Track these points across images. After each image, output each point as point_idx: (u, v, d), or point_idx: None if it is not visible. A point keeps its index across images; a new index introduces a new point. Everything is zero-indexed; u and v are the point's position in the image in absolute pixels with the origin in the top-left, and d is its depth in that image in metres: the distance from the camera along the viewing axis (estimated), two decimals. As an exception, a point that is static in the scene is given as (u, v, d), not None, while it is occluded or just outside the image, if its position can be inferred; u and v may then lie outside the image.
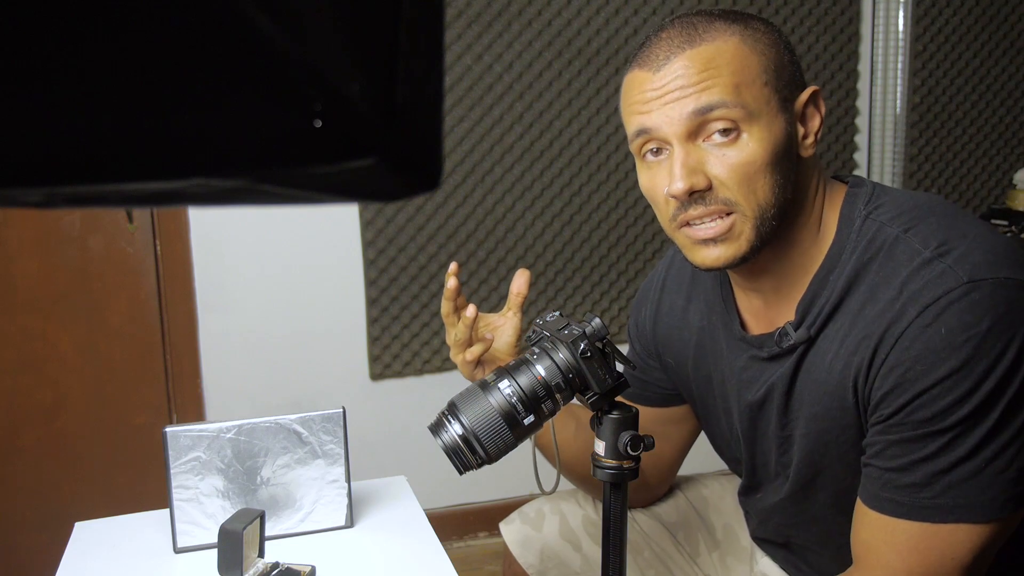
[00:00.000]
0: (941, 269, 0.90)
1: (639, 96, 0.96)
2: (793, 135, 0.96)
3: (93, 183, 0.23)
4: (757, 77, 0.93)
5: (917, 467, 0.92)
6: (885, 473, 0.94)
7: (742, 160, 0.92)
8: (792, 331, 1.01)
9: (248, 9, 0.22)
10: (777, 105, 0.94)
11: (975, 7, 2.74)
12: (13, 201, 0.24)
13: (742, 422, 1.11)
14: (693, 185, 0.93)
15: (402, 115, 0.24)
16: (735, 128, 0.92)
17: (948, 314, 0.88)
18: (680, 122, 0.93)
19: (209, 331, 2.35)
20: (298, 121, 0.23)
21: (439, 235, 2.42)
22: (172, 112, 0.22)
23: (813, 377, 1.00)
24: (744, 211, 0.94)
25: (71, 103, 0.22)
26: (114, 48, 0.22)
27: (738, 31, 0.94)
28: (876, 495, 0.95)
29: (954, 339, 0.88)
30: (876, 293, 0.95)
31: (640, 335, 1.27)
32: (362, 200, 0.26)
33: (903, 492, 0.93)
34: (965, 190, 2.84)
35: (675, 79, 0.93)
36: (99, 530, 1.33)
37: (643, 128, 0.96)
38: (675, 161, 0.94)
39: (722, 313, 1.12)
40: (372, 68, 0.23)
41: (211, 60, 0.22)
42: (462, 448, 0.94)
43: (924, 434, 0.90)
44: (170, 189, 0.24)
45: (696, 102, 0.92)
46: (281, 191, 0.24)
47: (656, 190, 0.98)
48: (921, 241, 0.94)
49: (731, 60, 0.93)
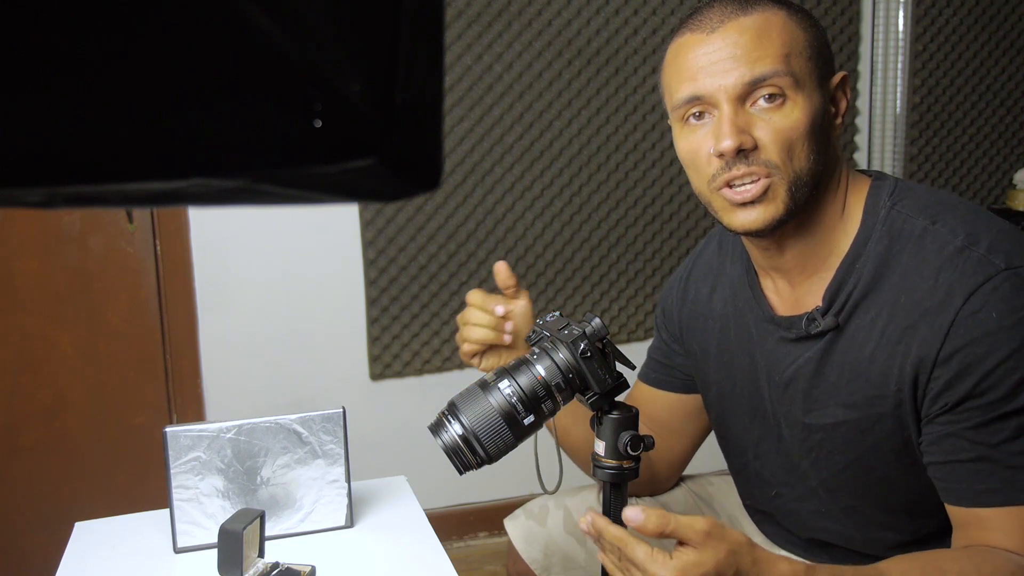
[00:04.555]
0: (976, 257, 0.94)
1: (691, 60, 0.99)
2: (827, 111, 1.00)
3: (93, 183, 0.23)
4: (804, 50, 0.98)
5: (1000, 449, 0.92)
6: (970, 465, 0.94)
7: (786, 125, 0.96)
8: (820, 317, 1.03)
9: (249, 9, 0.22)
10: (817, 80, 0.98)
11: (975, 7, 2.74)
12: (13, 201, 0.24)
13: (772, 402, 1.12)
14: (742, 143, 0.96)
15: (402, 115, 0.24)
16: (781, 95, 0.96)
17: (994, 299, 0.91)
18: (733, 88, 0.96)
19: (209, 331, 2.35)
20: (298, 121, 0.23)
21: (439, 235, 2.42)
22: (172, 112, 0.22)
23: (847, 365, 1.02)
24: (782, 174, 0.97)
25: (71, 103, 0.22)
26: (114, 48, 0.22)
27: (783, 8, 0.99)
28: (969, 491, 0.95)
29: (1006, 321, 0.91)
30: (909, 282, 0.97)
31: (667, 321, 1.30)
32: (362, 200, 0.26)
33: (996, 479, 0.93)
34: (965, 190, 2.84)
35: (728, 45, 0.97)
36: (99, 530, 1.33)
37: (695, 95, 0.99)
38: (724, 121, 0.96)
39: (749, 298, 1.14)
40: (372, 68, 0.23)
41: (211, 60, 0.22)
42: (462, 448, 0.94)
43: (997, 416, 0.92)
44: (170, 189, 0.24)
45: (752, 72, 0.95)
46: (281, 191, 0.24)
47: (699, 152, 1.00)
48: (950, 231, 0.97)
49: (782, 30, 0.97)
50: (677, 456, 1.33)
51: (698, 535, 0.85)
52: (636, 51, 2.48)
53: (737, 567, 0.86)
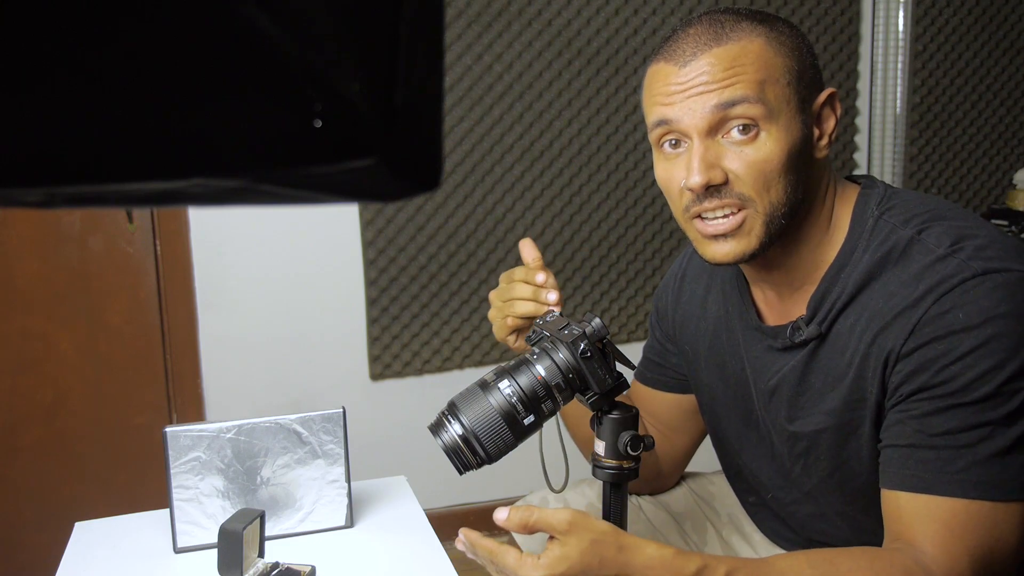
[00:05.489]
0: (956, 263, 0.93)
1: (663, 88, 0.97)
2: (809, 137, 0.98)
3: (93, 183, 0.23)
4: (781, 77, 0.95)
5: (940, 440, 0.91)
6: (906, 449, 0.94)
7: (759, 158, 0.94)
8: (804, 326, 1.03)
9: (249, 9, 0.22)
10: (796, 106, 0.96)
11: (975, 7, 2.74)
12: (13, 201, 0.24)
13: (761, 409, 1.13)
14: (710, 179, 0.94)
15: (402, 115, 0.24)
16: (755, 125, 0.94)
17: (964, 300, 0.91)
18: (702, 116, 0.94)
19: (209, 331, 2.35)
20: (298, 121, 0.23)
21: (439, 235, 2.42)
22: (172, 112, 0.22)
23: (827, 372, 1.02)
24: (756, 208, 0.96)
25: (71, 103, 0.22)
26: (114, 48, 0.22)
27: (764, 32, 0.96)
28: (898, 474, 0.94)
29: (972, 321, 0.90)
30: (890, 289, 0.96)
31: (661, 320, 1.30)
32: (362, 200, 0.26)
33: (926, 467, 0.92)
34: (965, 190, 2.84)
35: (700, 75, 0.94)
36: (99, 530, 1.33)
37: (664, 119, 0.97)
38: (693, 155, 0.95)
39: (738, 303, 1.13)
40: (372, 68, 0.23)
41: (211, 60, 0.22)
42: (462, 448, 0.94)
43: (947, 406, 0.91)
44: (170, 189, 0.24)
45: (719, 97, 0.93)
46: (281, 191, 0.24)
47: (672, 182, 1.00)
48: (935, 241, 0.96)
49: (756, 59, 0.94)
50: (679, 452, 1.33)
51: (560, 525, 0.88)
52: (636, 51, 2.48)
53: (601, 556, 0.87)
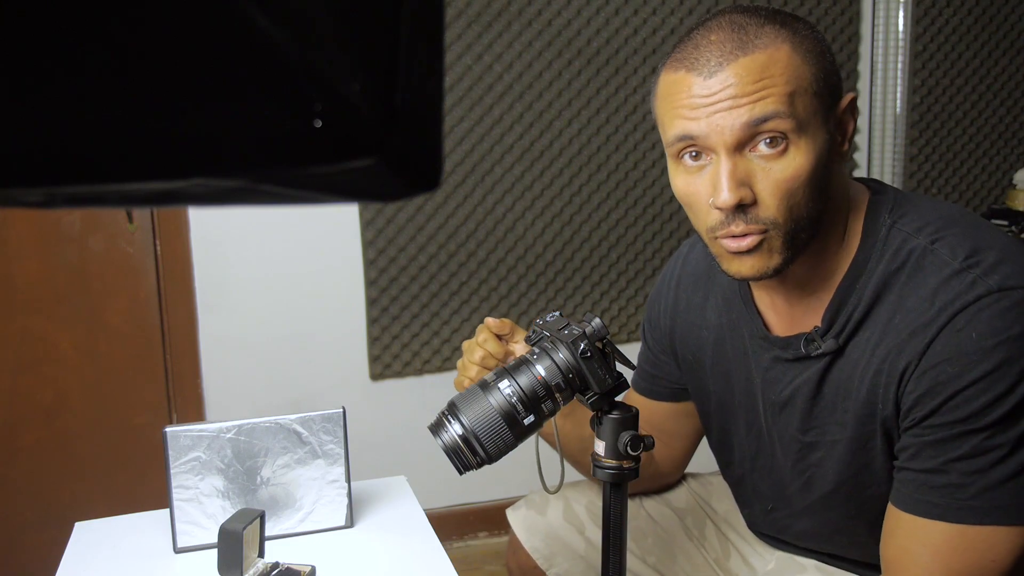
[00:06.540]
0: (972, 279, 0.91)
1: (685, 101, 0.92)
2: (832, 145, 0.95)
3: (93, 183, 0.23)
4: (808, 87, 0.91)
5: (952, 467, 0.91)
6: (920, 475, 0.94)
7: (787, 175, 0.91)
8: (820, 339, 1.01)
9: (248, 9, 0.22)
10: (822, 116, 0.93)
11: (975, 7, 2.74)
12: (13, 201, 0.24)
13: (767, 420, 1.11)
14: (742, 198, 0.91)
15: (402, 115, 0.24)
16: (784, 138, 0.90)
17: (978, 320, 0.89)
18: (731, 132, 0.90)
19: (209, 331, 2.35)
20: (298, 121, 0.23)
21: (439, 235, 2.42)
22: (172, 112, 0.22)
23: (843, 386, 1.00)
24: (780, 229, 0.93)
25: (71, 103, 0.22)
26: (114, 48, 0.22)
27: (788, 37, 0.91)
28: (910, 497, 0.94)
29: (985, 343, 0.88)
30: (905, 303, 0.95)
31: (654, 330, 1.27)
32: (362, 200, 0.26)
33: (938, 493, 0.92)
34: (965, 190, 2.84)
35: (727, 88, 0.90)
36: (99, 530, 1.33)
37: (687, 134, 0.93)
38: (722, 173, 0.91)
39: (742, 312, 1.11)
40: (372, 68, 0.23)
41: (211, 60, 0.22)
42: (462, 448, 0.94)
43: (959, 434, 0.90)
44: (170, 189, 0.24)
45: (750, 113, 0.89)
46: (281, 191, 0.24)
47: (697, 197, 0.95)
48: (949, 252, 0.94)
49: (784, 69, 0.90)
50: (679, 454, 1.33)
51: None
52: (636, 51, 2.48)
53: None
